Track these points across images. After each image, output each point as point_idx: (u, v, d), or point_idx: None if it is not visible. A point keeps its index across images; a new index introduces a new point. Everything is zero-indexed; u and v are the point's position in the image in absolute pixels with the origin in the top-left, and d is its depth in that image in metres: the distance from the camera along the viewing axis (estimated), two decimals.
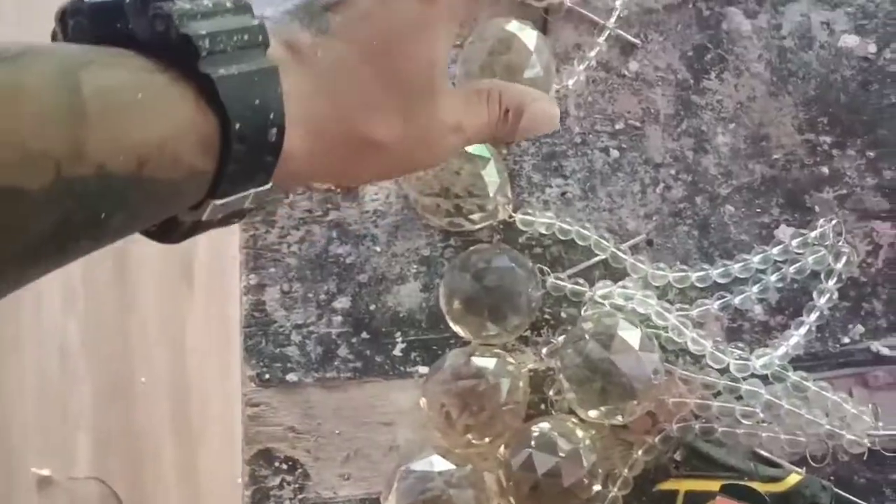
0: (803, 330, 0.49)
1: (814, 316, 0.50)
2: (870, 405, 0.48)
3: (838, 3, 0.55)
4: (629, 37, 0.55)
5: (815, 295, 0.50)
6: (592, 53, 0.55)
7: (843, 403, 0.48)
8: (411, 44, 0.37)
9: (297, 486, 0.50)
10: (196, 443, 1.53)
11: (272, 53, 0.33)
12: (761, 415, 0.48)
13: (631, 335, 0.46)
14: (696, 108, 0.54)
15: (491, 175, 0.50)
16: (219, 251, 1.38)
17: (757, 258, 0.51)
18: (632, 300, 0.50)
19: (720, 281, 0.51)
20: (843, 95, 0.54)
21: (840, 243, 0.51)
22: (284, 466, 0.50)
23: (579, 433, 0.47)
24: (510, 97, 0.42)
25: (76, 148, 0.27)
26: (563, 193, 0.54)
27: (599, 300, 0.50)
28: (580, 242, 0.52)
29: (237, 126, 0.30)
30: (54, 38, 0.32)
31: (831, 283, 0.50)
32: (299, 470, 0.50)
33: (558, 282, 0.51)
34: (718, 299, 0.51)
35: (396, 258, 0.53)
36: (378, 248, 0.53)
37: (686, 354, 0.50)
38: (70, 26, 0.32)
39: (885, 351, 0.50)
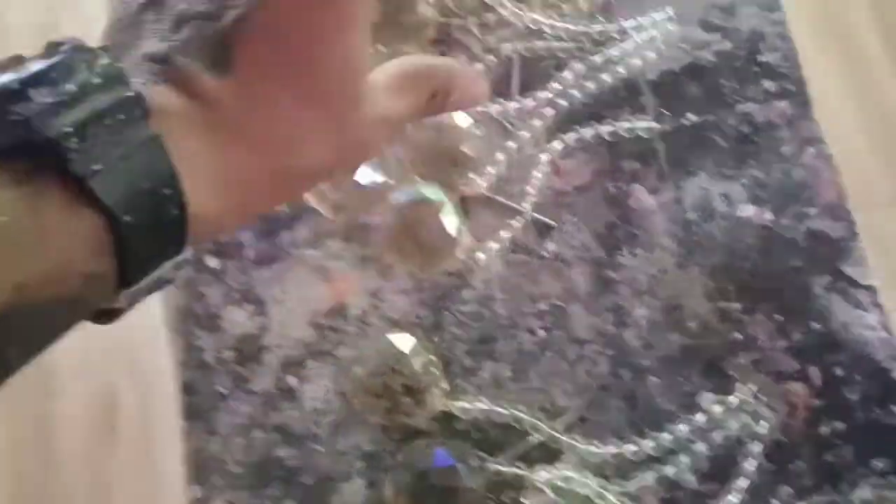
0: (737, 500, 0.52)
1: (744, 483, 0.52)
2: None
3: (733, 176, 0.59)
4: (545, 219, 0.59)
5: (740, 460, 0.53)
6: (507, 235, 0.58)
7: None
8: (326, 52, 0.33)
9: None
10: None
11: (168, 102, 0.29)
12: None
13: None
14: (613, 283, 0.58)
15: (427, 371, 0.52)
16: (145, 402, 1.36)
17: (685, 428, 0.53)
18: (571, 481, 0.52)
19: (652, 454, 0.53)
20: (747, 262, 0.57)
21: (760, 407, 0.54)
22: None
23: None
24: (437, 78, 0.39)
25: None
26: (496, 377, 0.56)
27: (541, 485, 0.52)
28: (516, 426, 0.54)
29: (127, 219, 0.27)
30: None
31: (756, 448, 0.53)
32: None
33: (499, 467, 0.53)
34: (653, 471, 0.53)
35: (340, 456, 0.54)
36: (321, 448, 0.54)
37: None
38: None
39: None
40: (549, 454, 0.54)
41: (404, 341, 0.53)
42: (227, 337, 0.56)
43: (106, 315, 0.30)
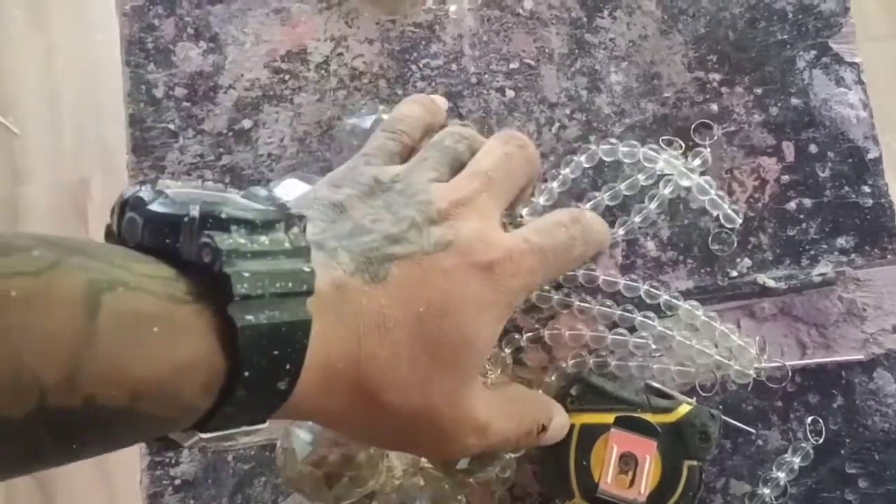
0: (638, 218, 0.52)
1: (638, 218, 0.52)
2: (757, 338, 0.50)
3: None
4: None
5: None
6: None
7: (730, 335, 0.50)
8: (459, 322, 0.36)
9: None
10: None
11: (322, 288, 0.32)
12: (653, 346, 0.49)
13: None
14: (590, 46, 0.55)
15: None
16: (113, 193, 1.34)
17: (642, 176, 0.52)
18: None
19: (610, 203, 0.52)
20: (732, 33, 0.55)
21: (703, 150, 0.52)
22: None
23: None
24: (541, 414, 0.43)
25: (69, 377, 0.25)
26: None
27: None
28: None
29: (246, 374, 0.29)
30: (108, 230, 0.32)
31: (665, 191, 0.51)
32: None
33: None
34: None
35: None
36: None
37: (582, 290, 0.51)
38: (125, 219, 0.31)
39: (771, 283, 0.51)
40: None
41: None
42: (179, 73, 0.53)
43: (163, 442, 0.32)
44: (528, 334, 0.50)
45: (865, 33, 1.41)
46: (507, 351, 0.49)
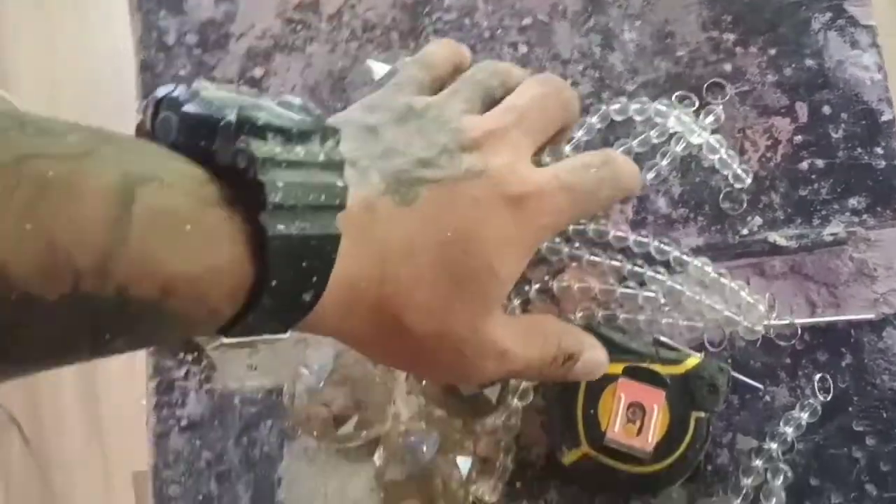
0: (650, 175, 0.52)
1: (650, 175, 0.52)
2: (767, 295, 0.50)
3: None
4: None
5: (658, 157, 0.52)
6: None
7: (739, 291, 0.49)
8: (484, 251, 0.36)
9: (202, 376, 0.49)
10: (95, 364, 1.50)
11: (348, 203, 0.32)
12: (662, 300, 0.49)
13: None
14: (604, 4, 0.54)
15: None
16: None
17: (654, 133, 0.52)
18: None
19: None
20: None
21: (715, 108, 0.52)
22: (189, 357, 0.49)
23: None
24: (569, 342, 0.42)
25: (103, 264, 0.25)
26: None
27: None
28: None
29: (273, 283, 0.29)
30: (140, 127, 0.31)
31: (677, 149, 0.51)
32: (205, 361, 0.49)
33: None
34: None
35: None
36: None
37: (592, 245, 0.51)
38: (160, 117, 0.30)
39: (782, 241, 0.51)
40: None
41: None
42: (191, 20, 0.53)
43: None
44: (537, 286, 0.50)
45: None
46: (516, 302, 0.49)
